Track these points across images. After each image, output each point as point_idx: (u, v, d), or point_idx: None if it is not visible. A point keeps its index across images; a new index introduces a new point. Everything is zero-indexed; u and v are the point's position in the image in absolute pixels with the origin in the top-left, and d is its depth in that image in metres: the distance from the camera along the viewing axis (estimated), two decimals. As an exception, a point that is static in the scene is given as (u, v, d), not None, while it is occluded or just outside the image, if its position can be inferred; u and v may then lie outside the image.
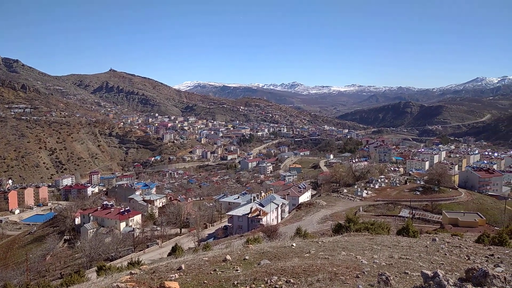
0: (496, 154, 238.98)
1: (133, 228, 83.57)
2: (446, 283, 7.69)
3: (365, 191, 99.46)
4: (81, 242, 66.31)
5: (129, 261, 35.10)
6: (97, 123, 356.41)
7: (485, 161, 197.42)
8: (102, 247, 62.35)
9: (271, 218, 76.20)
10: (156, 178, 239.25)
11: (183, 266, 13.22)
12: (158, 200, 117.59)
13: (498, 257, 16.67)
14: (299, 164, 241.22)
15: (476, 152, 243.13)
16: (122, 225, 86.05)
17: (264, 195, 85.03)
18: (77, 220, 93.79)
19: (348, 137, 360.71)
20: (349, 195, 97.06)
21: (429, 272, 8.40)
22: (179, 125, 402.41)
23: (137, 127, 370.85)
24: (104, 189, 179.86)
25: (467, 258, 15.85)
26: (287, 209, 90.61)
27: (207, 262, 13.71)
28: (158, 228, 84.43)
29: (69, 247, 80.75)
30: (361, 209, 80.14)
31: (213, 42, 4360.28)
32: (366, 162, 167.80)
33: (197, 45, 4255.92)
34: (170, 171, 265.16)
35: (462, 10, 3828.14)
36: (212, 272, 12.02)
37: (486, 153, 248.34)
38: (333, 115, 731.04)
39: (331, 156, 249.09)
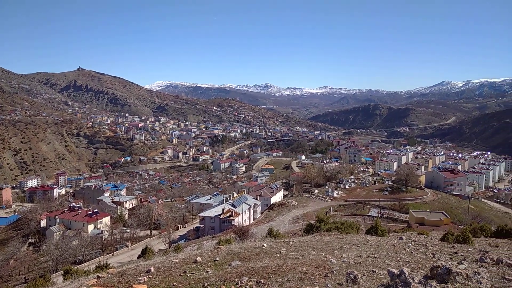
0: (460, 155, 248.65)
1: (102, 231, 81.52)
2: (411, 280, 7.90)
3: (335, 191, 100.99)
4: (47, 245, 64.02)
5: (97, 264, 34.26)
6: (64, 123, 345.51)
7: (450, 162, 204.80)
8: (69, 250, 60.44)
9: (243, 218, 76.20)
10: (126, 179, 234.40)
11: (152, 268, 12.99)
12: (128, 202, 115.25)
13: (462, 255, 17.28)
14: (271, 164, 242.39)
15: (442, 153, 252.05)
16: (90, 227, 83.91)
17: (237, 196, 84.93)
18: (43, 223, 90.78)
19: (320, 138, 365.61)
20: (320, 195, 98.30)
21: (395, 270, 8.62)
22: (150, 125, 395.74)
23: (107, 127, 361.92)
24: (71, 191, 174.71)
25: (432, 256, 16.36)
26: (259, 209, 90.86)
27: (177, 264, 13.54)
28: (127, 230, 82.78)
29: (34, 251, 77.83)
30: (331, 209, 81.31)
31: (186, 42, 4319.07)
32: (336, 163, 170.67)
33: (169, 45, 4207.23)
34: (140, 172, 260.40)
35: (428, 17, 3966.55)
36: (182, 274, 11.88)
37: (451, 154, 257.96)
38: (305, 116, 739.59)
39: (303, 157, 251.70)
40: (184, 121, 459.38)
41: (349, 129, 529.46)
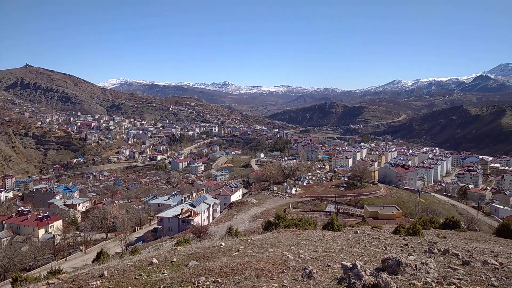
0: (410, 151, 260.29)
1: (54, 235, 78.01)
2: (363, 273, 8.15)
3: (294, 188, 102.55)
4: (-6, 252, 60.30)
5: (48, 270, 32.64)
6: (11, 123, 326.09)
7: (401, 158, 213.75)
8: (18, 256, 57.22)
9: (202, 218, 75.61)
10: (79, 181, 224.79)
11: (105, 272, 12.54)
12: (81, 204, 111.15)
13: (412, 247, 18.08)
14: (230, 163, 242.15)
15: (394, 149, 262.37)
16: (41, 232, 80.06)
17: (196, 195, 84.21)
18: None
19: (278, 136, 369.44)
20: (279, 193, 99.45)
21: (348, 264, 8.87)
22: (104, 124, 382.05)
23: (57, 126, 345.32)
24: (19, 194, 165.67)
25: (384, 248, 16.99)
26: (218, 208, 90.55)
27: (132, 267, 13.16)
28: (81, 234, 79.79)
29: (-22, 259, 73.01)
30: (290, 206, 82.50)
31: (140, 38, 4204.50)
32: (295, 160, 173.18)
33: (124, 41, 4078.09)
34: (94, 173, 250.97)
35: (379, 19, 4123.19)
36: (137, 277, 11.55)
37: (402, 150, 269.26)
38: (264, 114, 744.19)
39: (262, 155, 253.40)
40: (140, 120, 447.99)
41: (307, 127, 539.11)
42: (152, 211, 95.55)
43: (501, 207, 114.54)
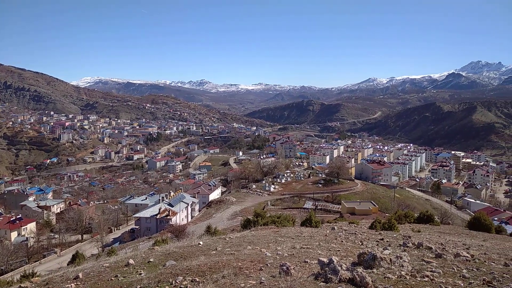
0: (386, 148, 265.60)
1: (27, 238, 75.96)
2: (339, 268, 8.26)
3: (272, 186, 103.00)
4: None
5: (22, 274, 31.70)
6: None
7: (377, 154, 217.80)
8: (-11, 260, 55.55)
9: (181, 217, 75.07)
10: (52, 181, 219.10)
11: (80, 274, 12.27)
12: (55, 206, 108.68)
13: (387, 241, 18.46)
14: (209, 162, 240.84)
15: (370, 146, 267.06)
16: (13, 234, 77.83)
17: (174, 195, 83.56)
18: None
19: (256, 134, 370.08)
20: (257, 191, 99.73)
21: (325, 259, 8.98)
22: (78, 124, 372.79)
23: (29, 126, 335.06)
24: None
25: (361, 243, 17.28)
26: (197, 207, 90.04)
27: (108, 269, 12.92)
28: (56, 236, 78.00)
29: None
30: (269, 204, 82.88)
31: (115, 35, 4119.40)
32: (273, 158, 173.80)
33: (98, 38, 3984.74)
34: (69, 174, 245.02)
35: (353, 17, 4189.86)
36: (113, 278, 11.35)
37: (378, 147, 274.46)
38: (242, 113, 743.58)
39: (240, 153, 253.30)
40: (116, 119, 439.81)
41: (285, 125, 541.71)
42: (129, 212, 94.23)
43: (473, 201, 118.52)
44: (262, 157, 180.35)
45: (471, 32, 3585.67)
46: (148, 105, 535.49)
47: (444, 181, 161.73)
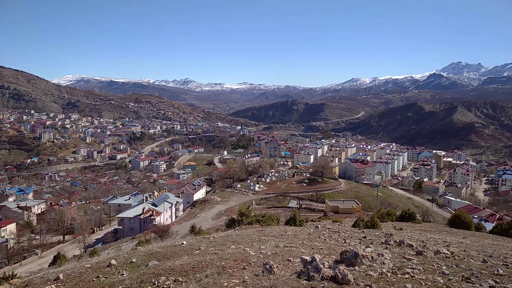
0: (369, 147, 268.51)
1: (6, 239, 74.20)
2: (322, 266, 8.33)
3: (257, 185, 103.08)
4: None
5: (1, 276, 31.02)
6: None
7: (360, 153, 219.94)
8: (-33, 263, 54.12)
9: (165, 217, 74.53)
10: (33, 182, 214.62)
11: (61, 275, 12.08)
12: (36, 206, 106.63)
13: (369, 239, 18.69)
14: (193, 161, 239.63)
15: (353, 145, 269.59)
16: (-8, 236, 75.88)
17: (157, 195, 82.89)
18: None
19: (241, 133, 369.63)
20: (242, 190, 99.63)
21: (308, 258, 9.04)
22: (59, 123, 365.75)
23: (9, 125, 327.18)
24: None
25: (344, 241, 17.45)
26: (181, 207, 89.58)
27: (90, 269, 12.75)
28: (37, 237, 76.51)
29: None
30: (253, 203, 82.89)
31: (97, 33, 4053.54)
32: (258, 157, 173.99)
33: (79, 36, 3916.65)
34: (50, 174, 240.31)
35: (336, 18, 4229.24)
36: (94, 279, 11.21)
37: (361, 146, 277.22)
38: (226, 112, 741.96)
39: (225, 153, 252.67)
40: (98, 118, 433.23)
41: (269, 124, 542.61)
42: (112, 212, 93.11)
43: (454, 199, 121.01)
44: (247, 157, 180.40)
45: (452, 33, 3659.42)
46: (131, 104, 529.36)
47: (425, 179, 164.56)
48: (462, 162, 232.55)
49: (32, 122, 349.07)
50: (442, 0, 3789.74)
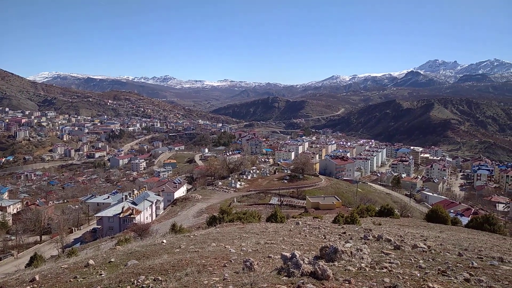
0: (349, 144, 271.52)
1: (-20, 241, 72.02)
2: (302, 262, 8.39)
3: (238, 183, 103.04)
4: None
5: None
6: None
7: (340, 150, 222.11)
8: None
9: (145, 216, 73.72)
10: (8, 181, 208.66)
11: (37, 277, 11.78)
12: (11, 206, 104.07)
13: (349, 234, 18.93)
14: (174, 159, 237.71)
15: (333, 142, 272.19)
16: (-35, 238, 73.50)
17: (137, 193, 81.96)
18: None
19: (222, 131, 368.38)
20: (223, 187, 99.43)
21: (288, 254, 9.09)
22: (35, 120, 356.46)
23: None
24: None
25: (324, 237, 17.62)
26: (162, 205, 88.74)
27: (67, 270, 12.48)
28: (13, 238, 74.55)
29: None
30: (235, 200, 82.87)
31: (74, 29, 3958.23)
32: (239, 155, 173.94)
33: (55, 32, 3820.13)
34: (26, 173, 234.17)
35: (317, 16, 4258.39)
36: (72, 279, 10.98)
37: (341, 142, 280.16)
38: (207, 109, 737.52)
39: (206, 150, 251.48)
40: (76, 116, 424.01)
41: (250, 121, 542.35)
42: (91, 211, 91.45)
43: (431, 194, 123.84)
44: (228, 154, 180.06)
45: (429, 32, 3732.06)
46: (110, 101, 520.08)
47: (403, 175, 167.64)
48: (438, 158, 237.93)
49: (7, 120, 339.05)
50: (419, 0, 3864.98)
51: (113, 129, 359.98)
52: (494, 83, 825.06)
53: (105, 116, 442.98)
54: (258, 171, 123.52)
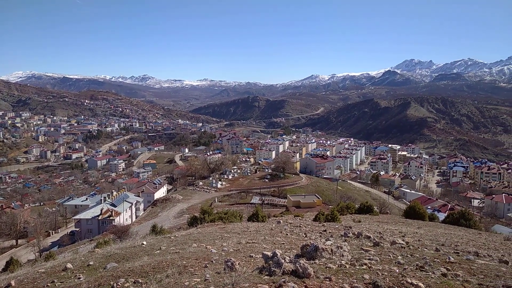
0: (328, 142, 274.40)
1: (-49, 247, 69.55)
2: (283, 261, 8.43)
3: (219, 182, 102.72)
4: None
5: None
6: None
7: (320, 149, 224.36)
8: None
9: (124, 217, 72.70)
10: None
11: (13, 282, 11.44)
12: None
13: (329, 232, 19.12)
14: (153, 159, 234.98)
15: (313, 141, 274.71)
16: None
17: (116, 195, 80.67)
18: None
19: (202, 130, 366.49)
20: (204, 187, 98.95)
21: (269, 253, 9.11)
22: (9, 121, 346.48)
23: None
24: None
25: (305, 235, 17.74)
26: (142, 206, 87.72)
27: (44, 274, 12.18)
28: (-14, 243, 72.25)
29: None
30: (216, 200, 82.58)
31: (48, 27, 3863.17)
32: (220, 154, 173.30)
33: (29, 30, 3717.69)
34: (0, 175, 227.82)
35: (297, 15, 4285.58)
36: (49, 284, 10.72)
37: (321, 141, 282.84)
38: (187, 109, 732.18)
39: (186, 150, 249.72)
40: (52, 116, 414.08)
41: (231, 121, 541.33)
42: (69, 214, 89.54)
43: (409, 191, 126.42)
44: (208, 154, 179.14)
45: (405, 32, 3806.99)
46: (86, 101, 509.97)
47: (382, 173, 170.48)
48: (416, 156, 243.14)
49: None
50: (395, 1, 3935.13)
51: (91, 129, 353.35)
52: (468, 82, 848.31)
53: (82, 117, 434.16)
54: (239, 171, 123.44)
